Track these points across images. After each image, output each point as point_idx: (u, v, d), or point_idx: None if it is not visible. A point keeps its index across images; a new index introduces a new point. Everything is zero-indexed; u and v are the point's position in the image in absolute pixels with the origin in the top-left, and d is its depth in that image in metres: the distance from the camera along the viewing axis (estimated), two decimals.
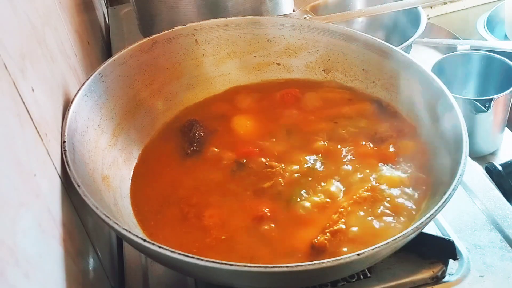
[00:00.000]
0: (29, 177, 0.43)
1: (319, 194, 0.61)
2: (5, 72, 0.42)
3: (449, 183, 0.53)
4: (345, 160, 0.66)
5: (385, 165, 0.65)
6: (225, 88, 0.79)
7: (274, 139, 0.70)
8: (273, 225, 0.59)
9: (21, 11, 0.51)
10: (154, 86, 0.74)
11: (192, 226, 0.59)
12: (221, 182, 0.65)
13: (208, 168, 0.66)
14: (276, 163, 0.65)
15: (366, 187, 0.61)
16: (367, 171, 0.64)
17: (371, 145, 0.68)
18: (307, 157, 0.66)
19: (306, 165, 0.65)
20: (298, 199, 0.61)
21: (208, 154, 0.68)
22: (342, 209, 0.59)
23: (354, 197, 0.60)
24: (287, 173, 0.64)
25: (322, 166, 0.65)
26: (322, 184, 0.63)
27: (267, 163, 0.66)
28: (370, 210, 0.59)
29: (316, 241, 0.55)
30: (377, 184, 0.62)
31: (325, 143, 0.68)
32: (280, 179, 0.63)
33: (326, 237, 0.56)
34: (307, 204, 0.60)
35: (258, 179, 0.64)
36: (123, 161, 0.66)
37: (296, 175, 0.64)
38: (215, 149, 0.69)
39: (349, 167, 0.65)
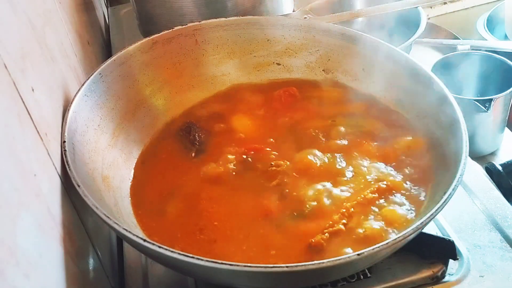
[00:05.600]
0: (29, 177, 0.43)
1: (322, 194, 0.61)
2: (5, 72, 0.42)
3: (449, 183, 0.53)
4: (346, 159, 0.66)
5: (386, 165, 0.65)
6: (225, 88, 0.79)
7: (275, 139, 0.70)
8: (276, 224, 0.59)
9: (21, 11, 0.51)
10: (154, 86, 0.74)
11: (193, 226, 0.59)
12: (224, 182, 0.65)
13: (211, 168, 0.66)
14: (282, 162, 0.65)
15: (371, 189, 0.61)
16: (368, 171, 0.64)
17: (372, 145, 0.68)
18: (310, 157, 0.66)
19: (309, 165, 0.65)
20: (303, 198, 0.61)
21: (210, 154, 0.68)
22: (344, 210, 0.59)
23: (358, 198, 0.60)
24: (293, 172, 0.64)
25: (325, 166, 0.65)
26: (325, 184, 0.63)
27: (272, 162, 0.65)
28: (370, 210, 0.59)
29: (313, 241, 0.56)
30: (379, 184, 0.62)
31: (327, 142, 0.68)
32: (285, 179, 0.63)
33: (324, 236, 0.56)
34: (311, 203, 0.60)
35: (264, 178, 0.64)
36: (123, 161, 0.66)
37: (301, 174, 0.64)
38: (217, 149, 0.69)
39: (350, 167, 0.65)
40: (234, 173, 0.65)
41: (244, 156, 0.67)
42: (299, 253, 0.56)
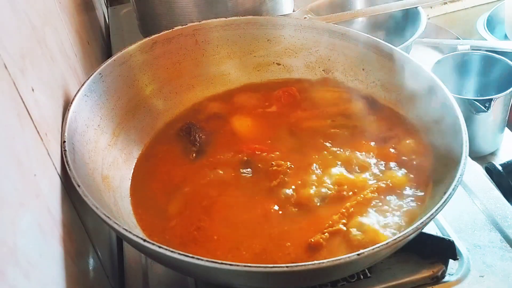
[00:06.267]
0: (29, 177, 0.43)
1: (322, 194, 0.61)
2: (5, 72, 0.42)
3: (449, 183, 0.53)
4: (346, 159, 0.66)
5: (386, 165, 0.65)
6: (225, 88, 0.79)
7: (275, 139, 0.70)
8: (277, 223, 0.59)
9: (21, 11, 0.51)
10: (154, 86, 0.74)
11: (193, 226, 0.59)
12: (225, 182, 0.65)
13: (211, 168, 0.66)
14: (282, 162, 0.65)
15: (371, 189, 0.61)
16: (369, 171, 0.64)
17: (372, 145, 0.68)
18: (312, 157, 0.66)
19: (310, 164, 0.65)
20: (303, 198, 0.61)
21: (210, 155, 0.68)
22: (344, 210, 0.59)
23: (358, 198, 0.60)
24: (293, 172, 0.64)
25: (325, 166, 0.65)
26: (325, 183, 0.63)
27: (273, 162, 0.65)
28: (371, 210, 0.59)
29: (313, 240, 0.56)
30: (378, 184, 0.62)
31: (328, 142, 0.68)
32: (286, 178, 0.63)
33: (323, 236, 0.56)
34: (312, 203, 0.60)
35: (265, 177, 0.64)
36: (123, 161, 0.66)
37: (302, 173, 0.64)
38: (218, 149, 0.69)
39: (351, 167, 0.65)
40: (237, 173, 0.65)
41: (244, 156, 0.67)
42: (299, 253, 0.56)
